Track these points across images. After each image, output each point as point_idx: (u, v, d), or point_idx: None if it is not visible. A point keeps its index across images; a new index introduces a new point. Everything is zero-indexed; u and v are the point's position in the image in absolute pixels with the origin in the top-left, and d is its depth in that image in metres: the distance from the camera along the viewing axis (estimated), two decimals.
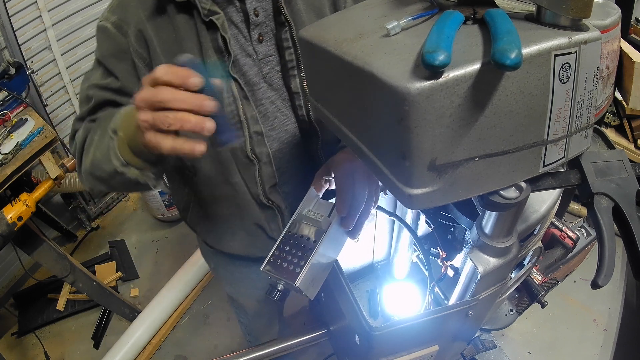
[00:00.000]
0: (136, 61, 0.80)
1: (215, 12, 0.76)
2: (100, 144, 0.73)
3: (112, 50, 0.80)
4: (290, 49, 0.83)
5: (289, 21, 0.81)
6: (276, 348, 0.99)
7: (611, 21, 0.62)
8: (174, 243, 2.67)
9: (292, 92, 0.87)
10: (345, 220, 0.77)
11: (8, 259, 2.40)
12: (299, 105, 0.88)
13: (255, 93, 0.85)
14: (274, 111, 0.89)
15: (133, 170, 0.68)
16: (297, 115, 0.90)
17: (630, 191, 0.59)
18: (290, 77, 0.85)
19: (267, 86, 0.86)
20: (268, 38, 0.83)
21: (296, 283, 0.74)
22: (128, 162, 0.67)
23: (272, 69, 0.86)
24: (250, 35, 0.81)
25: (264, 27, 0.82)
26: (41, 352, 2.08)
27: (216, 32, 0.77)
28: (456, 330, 0.83)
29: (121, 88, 0.82)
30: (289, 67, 0.84)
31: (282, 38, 0.82)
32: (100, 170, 0.72)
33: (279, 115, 0.90)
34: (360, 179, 0.78)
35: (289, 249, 0.78)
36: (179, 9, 0.77)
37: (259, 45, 0.82)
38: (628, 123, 2.19)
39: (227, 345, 2.16)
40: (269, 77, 0.86)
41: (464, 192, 0.51)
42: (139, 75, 0.82)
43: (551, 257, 1.11)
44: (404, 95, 0.43)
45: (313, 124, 0.91)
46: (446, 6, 0.53)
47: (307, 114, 0.89)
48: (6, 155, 1.60)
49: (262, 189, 0.92)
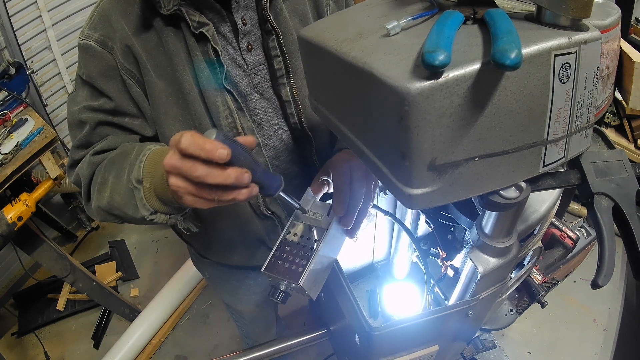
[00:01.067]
0: (125, 79, 0.78)
1: (205, 23, 0.74)
2: (118, 187, 0.71)
3: (100, 69, 0.78)
4: (278, 57, 0.82)
5: (276, 29, 0.80)
6: (276, 348, 0.99)
7: (611, 21, 0.62)
8: (174, 243, 2.67)
9: (282, 100, 0.86)
10: (343, 219, 0.77)
11: (8, 259, 2.40)
12: (290, 113, 0.88)
13: (248, 104, 0.85)
14: (268, 120, 0.88)
15: (162, 216, 0.68)
16: (289, 123, 0.90)
17: (630, 191, 0.59)
18: (280, 86, 0.85)
19: (259, 96, 0.86)
20: (257, 46, 0.82)
21: (300, 283, 0.73)
22: (157, 210, 0.67)
23: (262, 79, 0.85)
24: (239, 44, 0.80)
25: (252, 35, 0.81)
26: (41, 352, 2.08)
27: (206, 44, 0.75)
28: (456, 330, 0.83)
29: (116, 109, 0.80)
30: (278, 75, 0.84)
31: (270, 47, 0.81)
32: (122, 213, 0.72)
33: (273, 124, 0.89)
34: (357, 178, 0.78)
35: (289, 249, 0.78)
36: (166, 23, 0.75)
37: (249, 54, 0.82)
38: (628, 123, 2.19)
39: (227, 345, 2.16)
40: (260, 87, 0.85)
41: (464, 192, 0.51)
42: (130, 92, 0.80)
43: (551, 257, 1.11)
44: (404, 95, 0.43)
45: (306, 131, 0.90)
46: (446, 6, 0.53)
47: (299, 121, 0.89)
48: (6, 155, 1.60)
49: (262, 199, 0.92)
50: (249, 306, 1.26)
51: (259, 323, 1.35)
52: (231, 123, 0.81)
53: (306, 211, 0.78)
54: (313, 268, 0.75)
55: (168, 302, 2.18)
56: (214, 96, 0.79)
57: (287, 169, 0.95)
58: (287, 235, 0.80)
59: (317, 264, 0.76)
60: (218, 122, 0.80)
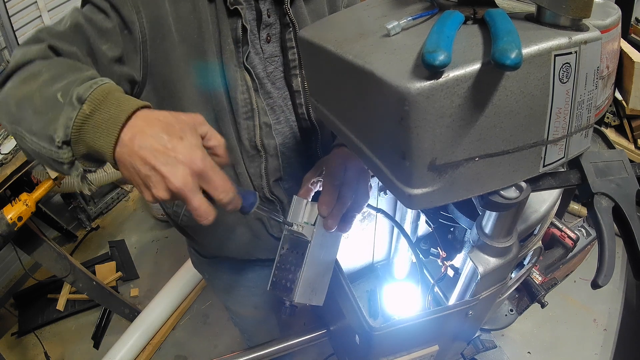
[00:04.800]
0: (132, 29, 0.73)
1: (240, 2, 0.77)
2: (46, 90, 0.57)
3: None
4: (293, 48, 0.85)
5: (294, 22, 0.83)
6: (276, 348, 0.99)
7: (611, 21, 0.62)
8: (174, 243, 2.68)
9: (293, 90, 0.89)
10: (326, 221, 0.75)
11: (8, 259, 2.40)
12: (299, 103, 0.90)
13: (264, 86, 0.87)
14: (280, 105, 0.91)
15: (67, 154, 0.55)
16: (297, 113, 0.92)
17: (630, 191, 0.59)
18: (292, 76, 0.88)
19: (271, 84, 0.88)
20: (275, 39, 0.85)
21: (294, 300, 0.74)
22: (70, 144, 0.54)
23: (276, 69, 0.88)
24: (260, 34, 0.83)
25: (273, 28, 0.84)
26: (41, 352, 2.08)
27: (236, 22, 0.78)
28: (456, 330, 0.83)
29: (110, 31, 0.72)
30: (292, 66, 0.87)
31: (287, 38, 0.84)
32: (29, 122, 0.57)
33: (285, 110, 0.92)
34: (349, 181, 0.78)
35: (284, 266, 0.78)
36: None
37: (266, 45, 0.85)
38: (628, 123, 2.19)
39: (227, 345, 2.16)
40: (273, 76, 0.88)
41: (464, 192, 0.51)
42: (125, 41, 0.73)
43: (551, 257, 1.11)
44: (404, 95, 0.43)
45: (313, 122, 0.93)
46: (446, 6, 0.53)
47: (307, 112, 0.91)
48: (6, 155, 1.60)
49: (266, 182, 0.92)
50: (248, 308, 1.26)
51: (260, 326, 1.35)
52: (247, 99, 0.83)
53: (290, 224, 0.77)
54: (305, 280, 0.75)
55: (168, 302, 2.18)
56: (234, 71, 0.81)
57: (292, 157, 0.96)
58: (281, 251, 0.80)
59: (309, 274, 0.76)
60: (234, 96, 0.82)
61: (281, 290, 0.77)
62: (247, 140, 0.86)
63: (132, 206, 2.96)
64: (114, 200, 2.95)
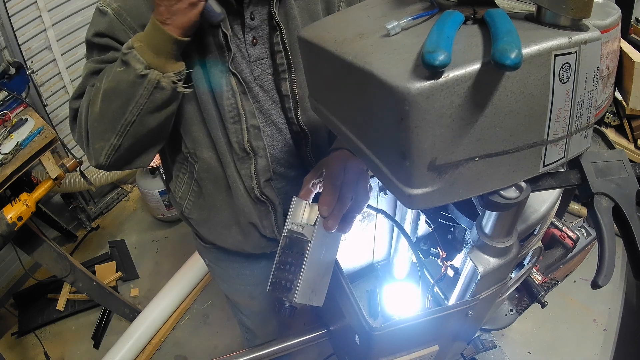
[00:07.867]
0: None
1: None
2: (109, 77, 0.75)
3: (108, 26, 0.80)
4: (281, 52, 0.84)
5: (280, 25, 0.82)
6: (276, 348, 0.99)
7: (611, 21, 0.62)
8: (174, 243, 2.68)
9: (282, 94, 0.89)
10: (326, 222, 0.76)
11: (8, 259, 2.40)
12: (288, 107, 0.90)
13: (251, 90, 0.87)
14: (269, 109, 0.91)
15: (156, 72, 0.72)
16: (287, 117, 0.92)
17: (630, 191, 0.59)
18: (281, 80, 0.87)
19: (259, 87, 0.88)
20: (262, 42, 0.85)
21: (294, 300, 0.74)
22: (150, 65, 0.71)
23: (264, 72, 0.88)
24: (245, 38, 0.83)
25: (259, 31, 0.84)
26: (41, 352, 2.08)
27: (217, 28, 0.78)
28: (456, 330, 0.83)
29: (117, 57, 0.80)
30: (280, 70, 0.86)
31: (274, 42, 0.84)
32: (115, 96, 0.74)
33: (273, 113, 0.92)
34: (349, 182, 0.78)
35: (284, 267, 0.78)
36: None
37: (252, 48, 0.84)
38: (628, 123, 2.19)
39: (227, 345, 2.16)
40: (260, 79, 0.88)
41: (464, 192, 0.51)
42: None
43: (551, 257, 1.11)
44: (404, 95, 0.43)
45: (302, 126, 0.92)
46: (446, 6, 0.53)
47: (295, 116, 0.91)
48: (6, 155, 1.60)
49: (257, 182, 0.93)
50: (246, 298, 1.29)
51: (258, 316, 1.37)
52: (233, 104, 0.84)
53: None
54: (306, 280, 0.75)
55: (168, 302, 2.18)
56: (219, 77, 0.82)
57: (282, 158, 0.96)
58: (281, 252, 0.80)
59: (310, 274, 0.76)
60: (221, 102, 0.83)
61: (281, 290, 0.77)
62: (236, 143, 0.87)
63: (132, 206, 2.96)
64: (114, 200, 2.95)
